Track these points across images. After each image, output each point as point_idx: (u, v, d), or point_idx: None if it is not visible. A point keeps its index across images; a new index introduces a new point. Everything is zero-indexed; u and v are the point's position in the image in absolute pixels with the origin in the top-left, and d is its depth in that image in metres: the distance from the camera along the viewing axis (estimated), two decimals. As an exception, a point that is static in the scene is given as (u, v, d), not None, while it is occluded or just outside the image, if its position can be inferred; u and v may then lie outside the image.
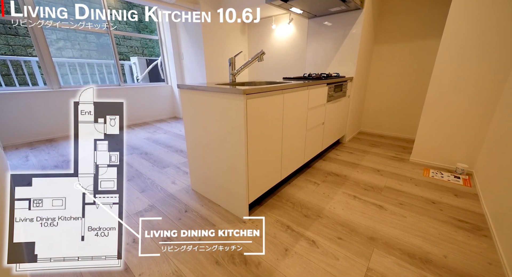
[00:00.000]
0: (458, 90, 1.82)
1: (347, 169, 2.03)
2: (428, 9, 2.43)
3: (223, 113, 1.24)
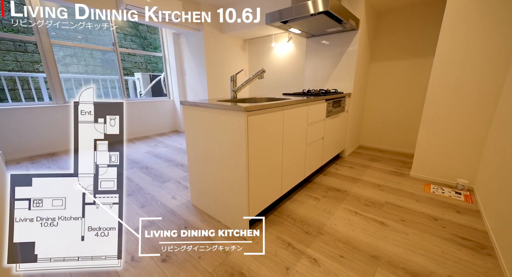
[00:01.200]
0: (453, 106, 1.86)
1: (348, 183, 2.02)
2: (420, 29, 2.54)
3: (225, 129, 1.27)
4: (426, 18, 2.48)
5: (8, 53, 3.76)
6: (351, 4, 2.36)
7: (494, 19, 1.61)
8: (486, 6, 1.62)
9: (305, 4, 1.84)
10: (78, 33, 4.53)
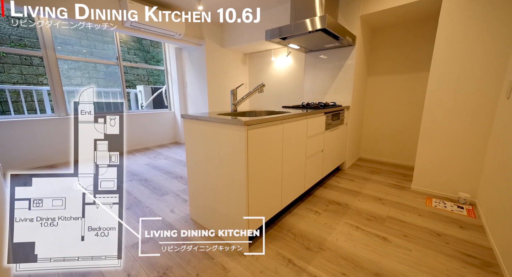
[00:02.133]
0: (450, 120, 1.88)
1: (348, 197, 2.00)
2: (415, 45, 2.63)
3: (225, 143, 1.28)
4: (420, 34, 2.56)
5: (13, 67, 3.85)
6: (347, 22, 2.45)
7: (486, 35, 1.67)
8: (477, 23, 1.69)
9: (304, 22, 1.91)
10: (83, 47, 4.66)
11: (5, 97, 3.67)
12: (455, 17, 1.77)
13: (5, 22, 3.74)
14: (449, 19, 1.80)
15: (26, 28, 3.90)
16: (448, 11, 1.80)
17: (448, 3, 1.79)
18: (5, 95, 3.64)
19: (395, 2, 2.13)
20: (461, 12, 1.74)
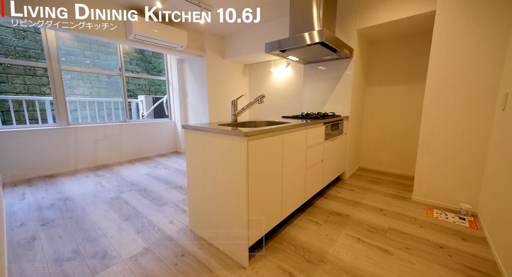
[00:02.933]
0: (448, 131, 1.90)
1: (349, 207, 1.99)
2: (411, 58, 2.69)
3: (225, 153, 1.29)
4: (416, 47, 2.64)
5: (17, 77, 3.92)
6: (344, 35, 2.53)
7: (479, 49, 1.72)
8: (470, 37, 1.74)
9: (302, 36, 1.97)
10: (86, 58, 4.76)
11: (7, 107, 3.70)
12: (448, 32, 1.83)
13: (12, 34, 3.84)
14: (442, 34, 1.86)
15: (32, 40, 4.01)
16: (441, 26, 1.86)
17: (440, 19, 1.86)
18: (7, 105, 3.68)
19: (389, 17, 2.21)
20: (454, 27, 1.80)
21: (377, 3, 2.28)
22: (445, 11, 1.83)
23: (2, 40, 3.69)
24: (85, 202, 2.09)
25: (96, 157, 3.30)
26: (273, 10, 2.84)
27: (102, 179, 2.74)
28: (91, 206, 2.01)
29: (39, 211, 1.92)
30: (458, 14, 1.77)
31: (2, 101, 3.60)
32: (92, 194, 2.29)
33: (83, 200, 2.15)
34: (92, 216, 1.84)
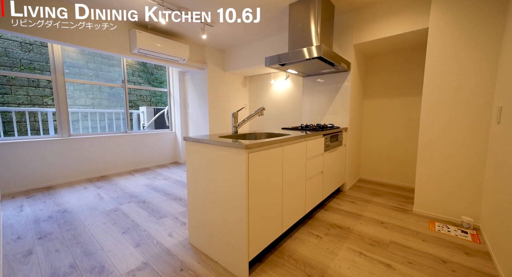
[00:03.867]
0: (446, 143, 1.92)
1: (350, 220, 1.97)
2: (406, 71, 2.77)
3: (226, 166, 1.30)
4: (412, 61, 2.72)
5: (21, 88, 3.98)
6: (342, 49, 2.61)
7: (472, 64, 1.78)
8: (462, 52, 1.81)
9: (301, 51, 2.04)
10: (90, 70, 4.86)
11: (9, 117, 3.73)
12: (441, 48, 1.90)
13: (18, 47, 3.95)
14: (436, 50, 1.92)
15: (38, 53, 4.11)
16: (434, 43, 1.93)
17: (433, 36, 1.93)
18: (9, 116, 3.71)
19: (384, 34, 2.30)
20: (446, 43, 1.87)
21: (372, 20, 2.37)
22: (437, 28, 1.90)
23: (8, 53, 3.79)
24: (83, 214, 2.07)
25: (95, 168, 3.29)
26: (272, 26, 2.95)
27: (101, 190, 2.73)
28: (89, 219, 1.98)
29: (37, 223, 1.90)
30: (451, 30, 1.85)
31: (4, 112, 3.64)
32: (90, 206, 2.26)
33: (81, 212, 2.12)
34: (90, 228, 1.81)
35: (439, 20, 1.89)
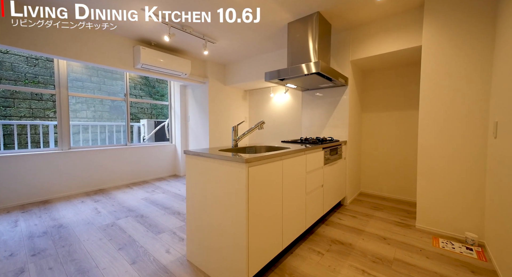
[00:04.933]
0: (445, 157, 1.92)
1: (352, 235, 1.92)
2: (403, 86, 2.83)
3: (225, 180, 1.30)
4: (408, 76, 2.79)
5: (24, 101, 4.04)
6: (339, 65, 2.69)
7: (466, 79, 1.82)
8: (456, 68, 1.86)
9: (300, 66, 2.10)
10: (93, 83, 4.95)
11: (9, 130, 3.75)
12: (435, 65, 1.96)
13: (24, 62, 4.06)
14: (430, 67, 1.98)
15: (43, 67, 4.22)
16: (428, 60, 1.99)
17: (427, 54, 1.99)
18: (9, 128, 3.73)
19: (379, 51, 2.38)
20: (440, 60, 1.93)
21: (367, 38, 2.47)
22: (430, 46, 1.98)
23: (14, 67, 3.89)
24: (79, 230, 2.02)
25: (93, 181, 3.26)
26: (271, 43, 3.06)
27: (98, 204, 2.68)
28: (85, 234, 1.94)
29: (31, 239, 1.85)
30: (443, 47, 1.92)
31: (5, 124, 3.67)
32: (87, 220, 2.22)
33: (77, 227, 2.08)
34: (86, 244, 1.76)
35: (432, 37, 1.97)
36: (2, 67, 3.77)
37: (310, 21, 2.28)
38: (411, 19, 2.19)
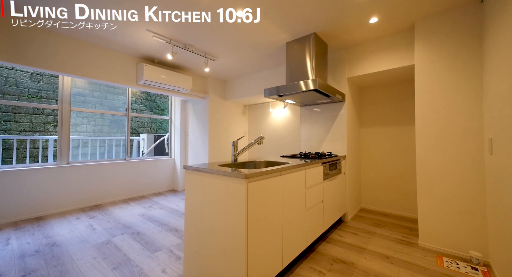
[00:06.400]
0: (444, 174, 1.92)
1: (354, 254, 1.87)
2: (399, 102, 2.90)
3: (225, 195, 1.29)
4: (403, 93, 2.87)
5: (25, 116, 4.08)
6: (336, 82, 2.78)
7: (459, 96, 1.87)
8: (449, 87, 1.92)
9: (298, 83, 2.17)
10: (95, 98, 5.02)
11: (8, 144, 3.75)
12: (428, 83, 2.02)
13: (28, 78, 4.15)
14: (423, 85, 2.04)
15: (46, 82, 4.31)
16: (421, 79, 2.06)
17: (420, 73, 2.07)
18: (8, 142, 3.73)
19: (373, 69, 2.48)
20: (433, 78, 2.00)
21: (362, 57, 2.57)
22: (423, 64, 2.06)
23: (18, 82, 3.97)
24: (73, 248, 1.96)
25: (90, 197, 3.20)
26: (270, 60, 3.17)
27: (94, 220, 2.62)
28: (79, 253, 1.87)
29: (22, 259, 1.78)
30: (435, 65, 1.99)
31: (5, 139, 3.67)
32: (81, 238, 2.16)
33: (71, 245, 2.01)
34: (79, 264, 1.70)
35: (424, 57, 2.05)
36: (7, 82, 3.85)
37: (308, 41, 2.38)
38: (403, 40, 2.30)
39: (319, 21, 2.14)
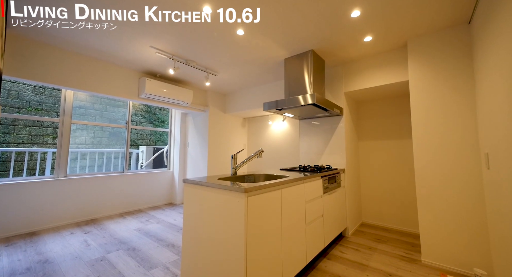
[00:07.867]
0: (443, 188, 1.92)
1: (355, 271, 1.82)
2: (395, 116, 2.95)
3: (224, 210, 1.28)
4: (400, 107, 2.92)
5: (24, 128, 4.08)
6: (334, 96, 2.84)
7: (454, 111, 1.92)
8: (444, 102, 1.97)
9: (296, 98, 2.22)
10: (95, 110, 5.06)
11: (5, 156, 3.71)
12: (422, 98, 2.07)
13: (30, 91, 4.21)
14: (418, 100, 2.09)
15: (48, 95, 4.36)
16: (415, 94, 2.11)
17: (414, 88, 2.12)
18: (5, 155, 3.69)
19: (369, 84, 2.55)
20: (427, 93, 2.05)
21: (358, 73, 2.66)
22: (417, 81, 2.12)
23: (20, 95, 4.02)
24: (66, 265, 1.89)
25: (85, 211, 3.13)
26: (269, 75, 3.26)
27: (88, 236, 2.55)
28: (72, 270, 1.81)
29: None
30: (429, 81, 2.05)
31: (3, 151, 3.65)
32: (75, 254, 2.09)
33: (63, 262, 1.94)
34: (71, 282, 1.64)
35: (418, 73, 2.12)
36: (9, 95, 3.89)
37: (305, 57, 2.47)
38: (397, 57, 2.39)
39: (315, 40, 2.23)
